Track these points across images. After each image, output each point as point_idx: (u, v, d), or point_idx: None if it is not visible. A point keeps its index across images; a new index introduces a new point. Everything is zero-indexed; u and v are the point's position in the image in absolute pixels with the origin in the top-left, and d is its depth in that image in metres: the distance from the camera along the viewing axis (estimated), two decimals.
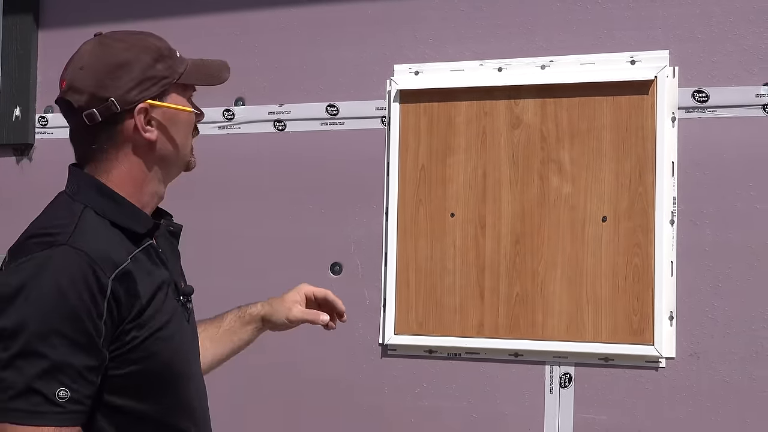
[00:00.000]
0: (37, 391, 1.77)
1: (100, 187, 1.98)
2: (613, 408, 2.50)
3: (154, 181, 2.03)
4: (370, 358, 2.72)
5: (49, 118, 3.12)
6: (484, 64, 2.65)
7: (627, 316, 2.48)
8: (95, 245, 1.87)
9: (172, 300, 1.97)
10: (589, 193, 2.53)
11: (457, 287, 2.62)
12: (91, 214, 1.94)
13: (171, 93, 1.99)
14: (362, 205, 2.75)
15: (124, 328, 1.86)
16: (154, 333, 1.89)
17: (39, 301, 1.81)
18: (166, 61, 1.98)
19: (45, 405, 1.76)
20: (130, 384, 1.88)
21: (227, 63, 2.19)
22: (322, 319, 2.34)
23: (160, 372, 1.92)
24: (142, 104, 1.95)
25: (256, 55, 2.86)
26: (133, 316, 1.87)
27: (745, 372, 2.41)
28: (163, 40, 2.05)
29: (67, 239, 1.85)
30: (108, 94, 1.94)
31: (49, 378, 1.77)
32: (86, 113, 1.95)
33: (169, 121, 1.99)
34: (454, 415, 2.63)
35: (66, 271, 1.83)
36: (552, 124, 2.57)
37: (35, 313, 1.80)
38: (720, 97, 2.45)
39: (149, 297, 1.90)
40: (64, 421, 1.78)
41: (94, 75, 1.97)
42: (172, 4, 2.98)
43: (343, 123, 2.78)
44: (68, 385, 1.78)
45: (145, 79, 1.95)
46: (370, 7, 2.77)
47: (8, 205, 3.16)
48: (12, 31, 3.14)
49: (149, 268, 1.95)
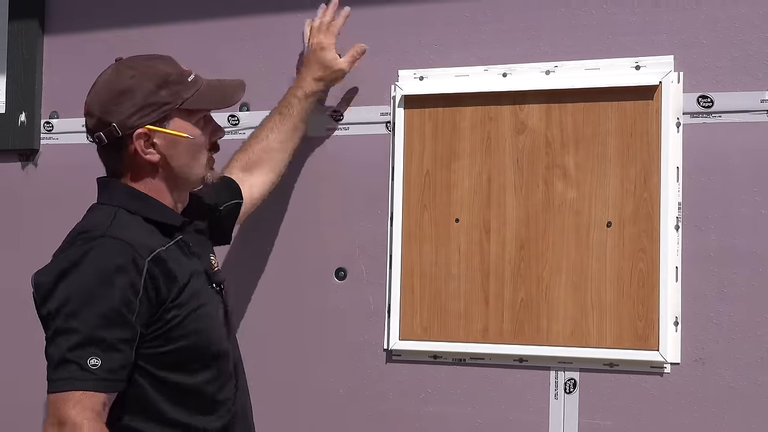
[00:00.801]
0: (72, 360, 1.97)
1: (129, 190, 2.19)
2: (617, 413, 2.50)
3: (169, 193, 2.22)
4: (375, 364, 2.72)
5: (54, 124, 3.12)
6: (489, 70, 2.65)
7: (632, 322, 2.48)
8: (131, 234, 2.09)
9: (206, 286, 2.20)
10: (593, 198, 2.53)
11: (462, 292, 2.62)
12: (125, 212, 2.15)
13: (174, 118, 2.20)
14: (367, 211, 2.75)
15: (165, 308, 2.08)
16: (192, 312, 2.12)
17: (76, 283, 2.02)
18: (171, 87, 2.17)
19: (77, 372, 1.97)
20: (175, 359, 2.10)
21: (243, 83, 2.34)
22: (362, 47, 2.67)
23: (202, 348, 2.15)
24: (141, 129, 2.16)
25: (260, 60, 2.87)
26: (173, 297, 2.08)
27: (750, 377, 2.40)
28: (175, 65, 2.22)
29: (105, 231, 2.08)
30: (111, 119, 2.17)
31: (82, 349, 1.97)
32: (96, 135, 2.19)
33: (170, 145, 2.19)
34: (458, 421, 2.63)
35: (104, 255, 2.04)
36: (557, 130, 2.57)
37: (72, 294, 2.01)
38: (725, 103, 2.45)
39: (186, 280, 2.12)
40: (97, 386, 1.98)
41: (101, 100, 2.19)
42: (178, 9, 2.98)
43: (348, 128, 2.78)
44: (100, 355, 1.98)
45: (146, 105, 2.16)
46: (375, 12, 2.77)
47: (14, 211, 3.16)
48: (17, 36, 3.14)
49: (182, 258, 2.15)
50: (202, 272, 2.21)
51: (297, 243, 2.81)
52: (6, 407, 3.12)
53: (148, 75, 2.17)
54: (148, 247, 2.08)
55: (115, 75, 2.18)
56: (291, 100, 2.66)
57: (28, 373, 3.09)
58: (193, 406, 2.14)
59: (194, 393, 2.15)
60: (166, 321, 2.09)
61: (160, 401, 2.10)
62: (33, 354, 3.07)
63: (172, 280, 2.09)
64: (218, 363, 2.20)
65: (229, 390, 2.23)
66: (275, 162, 2.66)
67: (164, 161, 2.19)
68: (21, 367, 3.10)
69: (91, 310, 1.99)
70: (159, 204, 2.19)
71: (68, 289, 2.02)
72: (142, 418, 2.09)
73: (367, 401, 2.72)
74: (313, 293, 2.79)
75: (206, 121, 2.25)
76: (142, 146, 2.16)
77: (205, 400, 2.17)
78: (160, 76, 2.17)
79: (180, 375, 2.12)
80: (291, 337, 2.80)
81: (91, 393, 1.97)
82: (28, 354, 3.09)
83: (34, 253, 3.09)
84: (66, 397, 1.96)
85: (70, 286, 2.02)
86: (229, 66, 2.83)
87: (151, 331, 2.07)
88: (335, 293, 2.78)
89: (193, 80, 2.22)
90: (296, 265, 2.81)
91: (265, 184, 2.65)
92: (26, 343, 3.10)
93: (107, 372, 1.99)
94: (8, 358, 3.13)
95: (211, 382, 2.18)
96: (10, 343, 3.13)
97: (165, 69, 2.19)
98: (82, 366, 1.97)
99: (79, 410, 1.95)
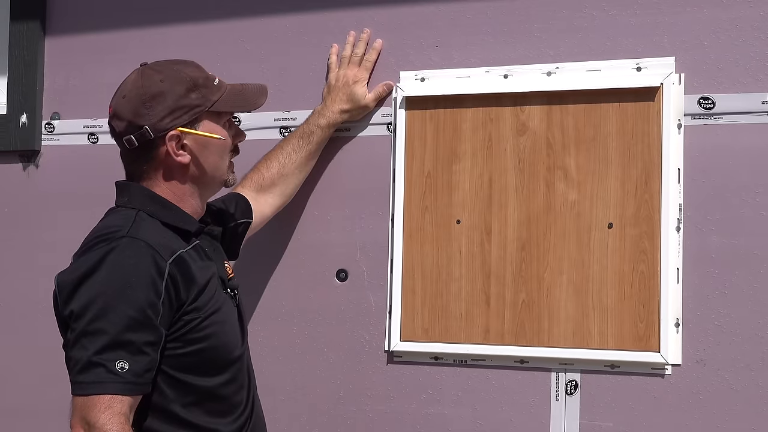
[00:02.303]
0: (99, 363, 1.97)
1: (150, 194, 2.20)
2: (618, 415, 2.50)
3: (193, 197, 2.24)
4: (376, 365, 2.72)
5: (55, 125, 3.12)
6: (490, 71, 2.65)
7: (633, 323, 2.48)
8: (151, 236, 2.10)
9: (221, 291, 2.22)
10: (595, 199, 2.53)
11: (463, 294, 2.62)
12: (144, 216, 2.16)
13: (204, 120, 2.23)
14: (368, 212, 2.75)
15: (185, 310, 2.09)
16: (210, 315, 2.13)
17: (100, 284, 2.02)
18: (200, 91, 2.20)
19: (105, 375, 1.96)
20: (192, 362, 2.11)
21: (265, 87, 2.37)
22: (389, 85, 2.71)
23: (218, 352, 2.16)
24: (174, 131, 2.18)
25: (261, 62, 2.87)
26: (191, 299, 2.10)
27: (751, 379, 2.40)
28: (201, 70, 2.27)
29: (127, 232, 2.08)
30: (143, 122, 2.18)
31: (110, 352, 1.97)
32: (126, 138, 2.19)
33: (200, 146, 2.22)
34: (459, 422, 2.63)
35: (126, 257, 2.04)
36: (558, 131, 2.57)
37: (97, 295, 2.01)
38: (726, 104, 2.45)
39: (204, 283, 2.13)
40: (123, 390, 1.98)
41: (132, 104, 2.19)
42: (178, 12, 2.98)
43: (349, 130, 2.78)
44: (127, 358, 1.98)
45: (177, 108, 2.18)
46: (376, 13, 2.77)
47: (15, 212, 3.16)
48: (19, 38, 3.15)
49: (199, 261, 2.17)
50: (218, 277, 2.23)
51: (299, 244, 2.82)
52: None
53: (178, 79, 2.19)
54: (170, 249, 2.10)
55: (144, 79, 2.19)
56: (313, 128, 2.68)
57: (26, 372, 3.09)
58: (209, 408, 2.16)
59: (211, 395, 2.16)
60: (185, 323, 2.10)
61: (178, 403, 2.11)
62: (33, 353, 3.08)
63: (191, 283, 2.11)
64: (234, 367, 2.21)
65: (244, 393, 2.25)
66: (288, 187, 2.70)
67: (193, 163, 2.21)
68: (21, 366, 3.10)
69: (117, 312, 1.99)
70: (177, 209, 2.21)
71: (92, 291, 2.02)
72: (159, 420, 2.10)
73: (368, 402, 2.72)
74: (315, 294, 2.79)
75: (230, 124, 2.29)
76: (174, 148, 2.18)
77: (222, 402, 2.18)
78: (189, 79, 2.20)
79: (197, 377, 2.13)
80: (292, 338, 2.80)
81: (120, 397, 1.97)
82: (27, 353, 3.10)
83: (35, 254, 3.11)
84: (95, 401, 1.96)
85: (93, 287, 2.02)
86: (228, 66, 2.83)
87: (170, 333, 2.08)
88: (336, 294, 2.78)
89: (219, 84, 2.26)
90: (298, 266, 2.81)
91: (274, 207, 2.69)
92: (26, 343, 3.10)
93: (134, 375, 1.99)
94: (7, 356, 3.13)
95: (226, 385, 2.19)
96: (10, 341, 3.12)
97: (192, 73, 2.22)
98: (110, 369, 1.96)
99: (110, 415, 1.95)
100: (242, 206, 2.56)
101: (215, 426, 2.16)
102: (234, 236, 2.52)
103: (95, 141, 3.06)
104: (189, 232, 2.19)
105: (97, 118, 3.05)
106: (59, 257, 3.03)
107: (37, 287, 3.07)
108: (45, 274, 3.07)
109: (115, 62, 3.02)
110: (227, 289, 2.26)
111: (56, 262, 3.03)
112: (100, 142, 3.05)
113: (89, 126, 3.07)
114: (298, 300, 2.80)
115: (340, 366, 2.75)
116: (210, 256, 2.23)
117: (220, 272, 2.25)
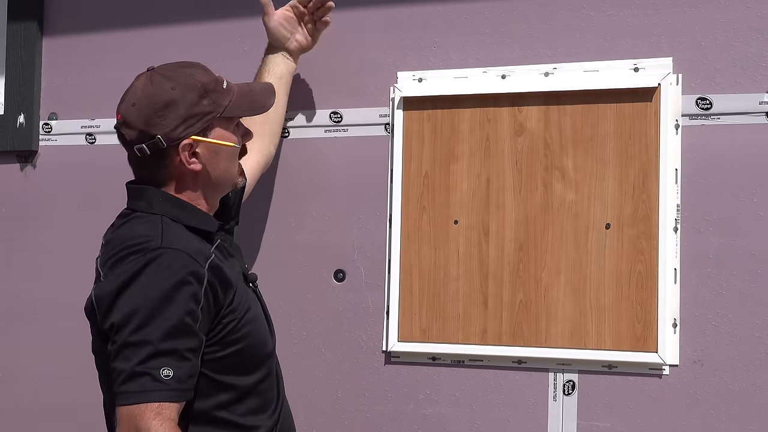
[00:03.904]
0: (144, 372, 1.97)
1: (168, 197, 2.18)
2: (616, 415, 2.50)
3: (204, 201, 2.23)
4: (374, 365, 2.72)
5: (53, 125, 3.12)
6: (488, 72, 2.65)
7: (630, 324, 2.48)
8: (187, 244, 2.09)
9: (246, 288, 2.24)
10: (592, 200, 2.53)
11: (461, 294, 2.62)
12: (169, 221, 2.14)
13: (215, 126, 2.18)
14: (366, 212, 2.75)
15: (223, 314, 2.10)
16: (244, 315, 2.16)
17: (140, 296, 2.01)
18: (211, 96, 2.18)
19: (151, 383, 1.97)
20: (231, 363, 2.13)
21: (272, 86, 2.35)
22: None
23: (254, 349, 2.19)
24: (187, 140, 2.15)
25: (259, 61, 2.86)
26: (228, 302, 2.11)
27: (748, 379, 2.41)
28: (209, 73, 2.24)
29: (161, 243, 2.07)
30: (155, 131, 2.15)
31: (153, 360, 1.97)
32: (137, 147, 2.15)
33: (212, 153, 2.21)
34: (457, 422, 2.63)
35: (166, 266, 2.03)
36: (555, 132, 2.57)
37: (138, 306, 2.01)
38: (723, 105, 2.45)
39: (236, 285, 2.15)
40: (170, 397, 1.99)
41: (143, 113, 2.15)
42: (176, 12, 2.98)
43: (347, 130, 2.78)
44: (171, 365, 1.98)
45: (190, 116, 2.15)
46: (374, 14, 2.77)
47: (12, 212, 3.16)
48: (16, 38, 3.14)
49: (226, 261, 2.17)
50: (241, 273, 2.24)
51: (296, 244, 2.81)
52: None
53: (189, 85, 2.15)
54: (204, 255, 2.09)
55: (155, 87, 2.14)
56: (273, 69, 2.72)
57: (26, 372, 3.09)
58: (250, 406, 2.17)
59: (251, 393, 2.17)
60: (224, 326, 2.11)
61: (220, 405, 2.12)
62: (31, 353, 3.08)
63: (227, 286, 2.11)
64: (269, 361, 2.24)
65: (275, 386, 2.27)
66: (274, 130, 2.70)
67: (205, 170, 2.18)
68: (20, 366, 3.10)
69: (157, 321, 1.99)
70: (197, 210, 2.20)
71: (132, 302, 2.01)
72: (202, 424, 2.11)
73: (366, 403, 2.72)
74: (312, 295, 2.79)
75: (238, 125, 2.26)
76: (187, 157, 2.15)
77: (259, 399, 2.20)
78: (200, 86, 2.15)
79: (237, 377, 2.15)
80: (290, 338, 2.80)
81: (168, 404, 1.97)
82: (26, 353, 3.10)
83: (33, 254, 3.11)
84: (144, 409, 1.96)
85: (133, 298, 2.01)
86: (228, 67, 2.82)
87: (209, 337, 2.09)
88: (334, 295, 2.78)
89: (228, 87, 2.22)
90: (295, 267, 2.81)
91: (261, 164, 2.66)
92: (24, 343, 3.10)
93: (179, 382, 1.99)
94: (7, 356, 3.12)
95: (262, 381, 2.21)
96: (9, 341, 3.12)
97: (202, 78, 2.18)
98: (155, 377, 1.97)
99: (160, 421, 1.95)
100: None
101: (257, 423, 2.18)
102: (234, 204, 2.48)
103: (93, 141, 3.06)
104: (211, 232, 2.19)
105: (94, 118, 3.05)
106: (57, 257, 3.05)
107: (34, 288, 3.07)
108: (43, 275, 3.07)
109: (113, 62, 3.02)
110: (249, 284, 2.28)
111: (54, 262, 3.05)
112: (98, 143, 3.05)
113: (87, 126, 3.07)
114: (295, 300, 2.80)
115: (337, 366, 2.75)
116: (231, 252, 2.24)
117: (241, 268, 2.26)
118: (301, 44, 2.71)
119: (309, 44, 2.73)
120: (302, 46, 2.72)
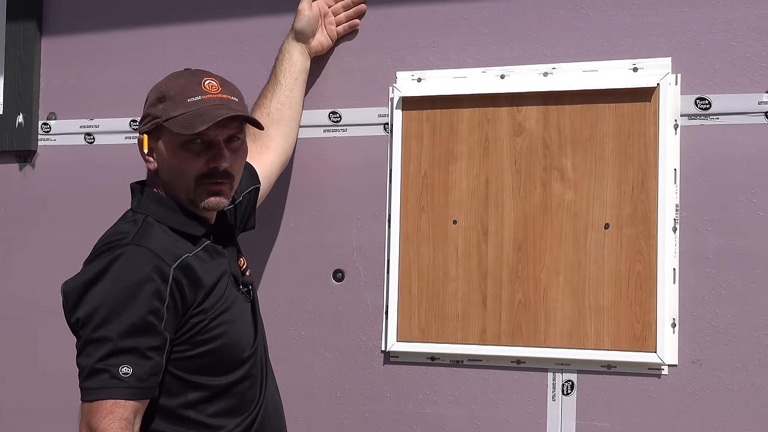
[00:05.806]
0: (104, 369, 2.00)
1: (158, 197, 2.22)
2: (615, 415, 2.50)
3: (185, 200, 2.21)
4: (373, 365, 2.72)
5: (51, 125, 3.12)
6: (487, 71, 2.65)
7: (629, 324, 2.48)
8: (156, 243, 2.11)
9: (232, 289, 2.22)
10: (591, 200, 2.53)
11: (460, 294, 2.62)
12: (152, 221, 2.17)
13: (165, 132, 2.18)
14: (364, 212, 2.75)
15: (191, 313, 2.10)
16: (219, 316, 2.14)
17: (104, 292, 2.04)
18: (166, 103, 2.23)
19: (110, 380, 1.99)
20: (201, 363, 2.13)
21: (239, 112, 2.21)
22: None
23: (227, 352, 2.17)
24: (139, 136, 2.25)
25: (258, 62, 2.87)
26: (198, 302, 2.11)
27: (747, 379, 2.41)
28: (193, 84, 2.19)
29: (131, 240, 2.10)
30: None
31: (114, 358, 2.00)
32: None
33: (160, 158, 2.22)
34: (456, 422, 2.63)
35: (130, 263, 2.06)
36: (554, 132, 2.57)
37: (101, 303, 2.03)
38: (722, 105, 2.45)
39: (211, 285, 2.14)
40: (127, 394, 2.01)
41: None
42: (175, 12, 2.98)
43: (346, 130, 2.78)
44: (131, 363, 2.00)
45: (146, 114, 2.27)
46: (373, 14, 2.77)
47: (11, 212, 3.16)
48: (15, 38, 3.14)
49: (209, 262, 2.18)
50: (229, 275, 2.23)
51: (295, 244, 2.81)
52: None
53: (161, 86, 2.23)
54: (174, 254, 2.11)
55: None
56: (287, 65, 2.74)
57: (25, 373, 3.09)
58: (221, 406, 2.17)
59: (221, 394, 2.17)
60: (192, 326, 2.11)
61: (187, 404, 2.13)
62: (30, 353, 3.08)
63: (198, 286, 2.12)
64: (246, 365, 2.23)
65: (256, 390, 2.26)
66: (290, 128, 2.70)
67: (162, 172, 2.23)
68: (20, 365, 3.10)
69: (119, 319, 2.01)
70: (186, 213, 2.21)
71: (96, 299, 2.04)
72: (166, 422, 2.12)
73: (365, 403, 2.72)
74: (311, 295, 2.79)
75: (205, 146, 2.17)
76: (144, 152, 2.24)
77: (233, 400, 2.19)
78: (165, 89, 2.22)
79: (207, 377, 2.15)
80: (289, 338, 2.80)
81: (123, 402, 1.99)
82: (25, 353, 3.10)
83: (32, 254, 3.11)
84: (98, 407, 1.99)
85: (97, 295, 2.04)
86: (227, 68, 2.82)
87: (177, 336, 2.10)
88: (333, 295, 2.78)
89: (195, 102, 2.16)
90: (294, 267, 2.81)
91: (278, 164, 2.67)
92: (23, 343, 3.10)
93: (138, 380, 2.01)
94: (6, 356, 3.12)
95: (239, 383, 2.20)
96: (7, 342, 3.12)
97: (172, 83, 2.21)
98: (114, 374, 1.99)
99: (110, 420, 1.98)
100: (249, 174, 2.52)
101: (225, 424, 2.17)
102: (247, 205, 2.52)
103: (92, 141, 3.06)
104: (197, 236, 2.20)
105: (93, 118, 3.05)
106: (56, 257, 3.05)
107: (34, 288, 3.07)
108: (42, 275, 3.07)
109: (112, 63, 3.02)
110: (240, 286, 2.27)
111: (53, 262, 3.05)
112: (97, 143, 3.05)
113: (86, 126, 3.07)
114: (294, 300, 2.80)
115: (336, 366, 2.75)
116: (222, 253, 2.24)
117: (232, 269, 2.26)
118: (322, 45, 2.73)
119: (327, 48, 2.75)
120: (323, 47, 2.74)
